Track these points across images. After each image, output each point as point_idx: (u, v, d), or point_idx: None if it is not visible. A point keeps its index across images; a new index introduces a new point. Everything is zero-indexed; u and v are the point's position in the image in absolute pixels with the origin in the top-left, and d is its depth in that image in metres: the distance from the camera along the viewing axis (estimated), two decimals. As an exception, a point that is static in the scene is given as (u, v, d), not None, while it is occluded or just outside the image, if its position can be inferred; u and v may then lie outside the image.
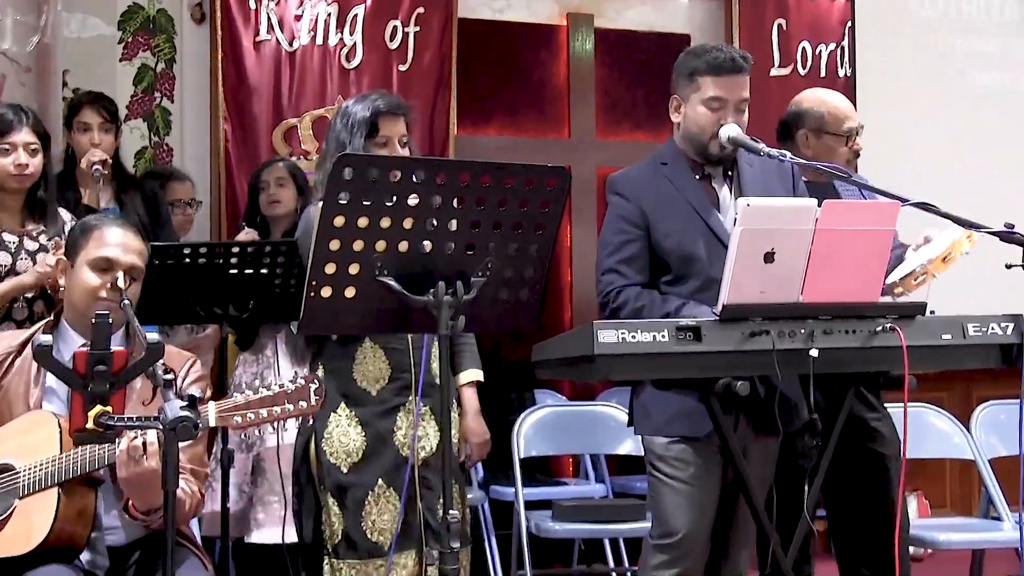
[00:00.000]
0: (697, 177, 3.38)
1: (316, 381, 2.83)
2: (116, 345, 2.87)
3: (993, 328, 2.97)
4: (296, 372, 3.07)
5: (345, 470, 3.29)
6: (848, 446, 3.48)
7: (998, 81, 6.64)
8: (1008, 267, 3.03)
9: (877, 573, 3.79)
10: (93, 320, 2.47)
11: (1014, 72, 6.68)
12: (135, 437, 2.69)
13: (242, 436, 4.50)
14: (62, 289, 3.16)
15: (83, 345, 2.63)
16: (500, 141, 6.04)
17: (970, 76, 6.61)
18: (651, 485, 3.37)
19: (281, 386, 2.82)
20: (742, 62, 3.31)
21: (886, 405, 3.99)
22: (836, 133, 3.92)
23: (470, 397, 3.61)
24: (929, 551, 5.63)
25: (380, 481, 3.29)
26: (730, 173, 3.40)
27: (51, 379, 2.96)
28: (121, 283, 3.02)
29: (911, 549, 5.78)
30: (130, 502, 2.82)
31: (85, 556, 2.91)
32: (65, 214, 3.96)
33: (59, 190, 4.26)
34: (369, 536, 3.27)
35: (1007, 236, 3.02)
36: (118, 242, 3.07)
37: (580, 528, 4.63)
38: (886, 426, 3.86)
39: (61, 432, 2.86)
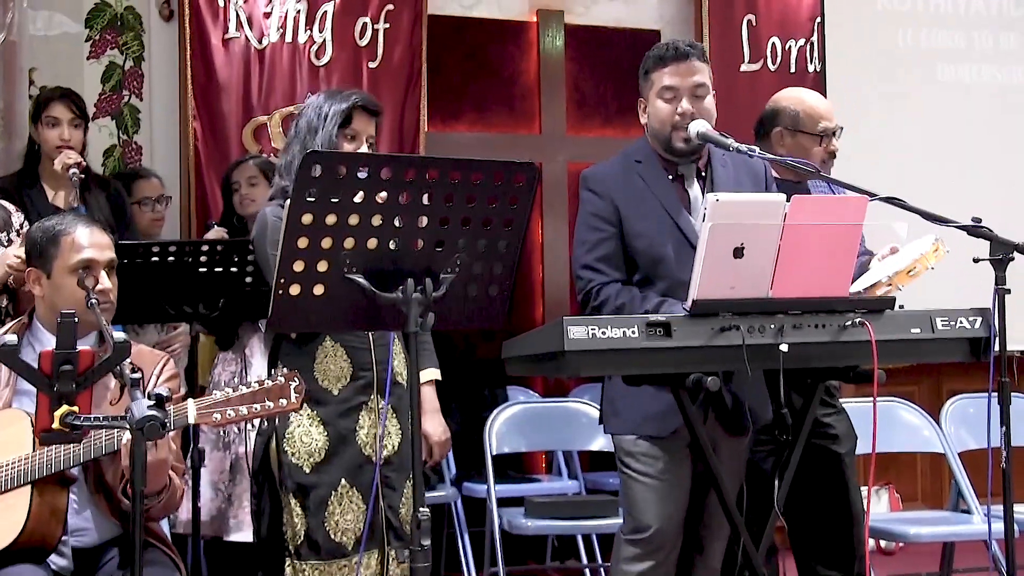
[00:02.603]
0: (670, 178, 3.39)
1: (296, 379, 2.81)
2: (90, 346, 2.86)
3: (961, 322, 2.99)
4: (276, 369, 3.04)
5: (307, 470, 3.24)
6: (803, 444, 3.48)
7: (967, 75, 6.67)
8: (976, 261, 3.04)
9: (835, 570, 3.80)
10: (59, 320, 2.45)
11: (983, 65, 6.70)
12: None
13: (220, 433, 4.48)
14: (25, 287, 3.12)
15: None
16: (471, 137, 6.04)
17: (939, 70, 6.64)
18: (622, 481, 3.38)
19: (260, 383, 2.79)
20: (687, 48, 3.34)
21: (854, 400, 4.00)
22: (811, 132, 3.90)
23: (429, 396, 3.56)
24: (900, 544, 5.68)
25: (343, 481, 3.25)
26: (704, 174, 3.41)
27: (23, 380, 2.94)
28: (107, 282, 3.01)
29: (882, 543, 5.85)
30: (126, 488, 2.76)
31: (53, 558, 2.89)
32: (9, 205, 3.90)
33: (24, 187, 4.22)
34: (332, 536, 3.22)
35: (974, 230, 3.04)
36: (92, 241, 3.04)
37: (553, 524, 4.63)
38: (841, 422, 3.85)
39: (34, 430, 2.83)
